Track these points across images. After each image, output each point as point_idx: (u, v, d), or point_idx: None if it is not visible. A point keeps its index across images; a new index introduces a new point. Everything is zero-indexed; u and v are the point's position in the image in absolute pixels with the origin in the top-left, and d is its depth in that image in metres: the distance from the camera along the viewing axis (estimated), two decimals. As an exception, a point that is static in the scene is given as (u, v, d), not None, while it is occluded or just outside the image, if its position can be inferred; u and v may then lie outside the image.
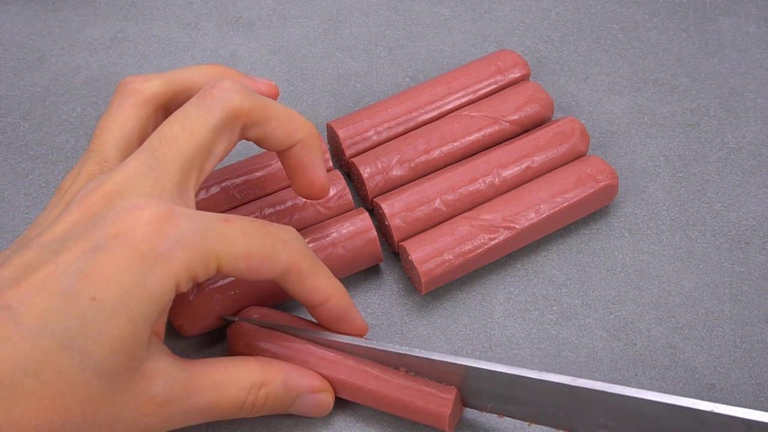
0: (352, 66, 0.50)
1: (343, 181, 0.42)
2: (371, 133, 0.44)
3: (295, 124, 0.35)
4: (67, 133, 0.48)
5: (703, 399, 0.38)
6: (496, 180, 0.42)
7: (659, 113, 0.48)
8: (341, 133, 0.44)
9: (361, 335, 0.37)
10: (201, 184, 0.34)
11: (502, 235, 0.41)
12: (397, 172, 0.43)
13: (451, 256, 0.40)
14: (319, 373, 0.36)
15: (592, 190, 0.42)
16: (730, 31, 0.52)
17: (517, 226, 0.41)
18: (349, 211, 0.42)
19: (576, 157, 0.44)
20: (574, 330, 0.41)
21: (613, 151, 0.47)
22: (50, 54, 0.51)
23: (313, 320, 0.38)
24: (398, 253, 0.42)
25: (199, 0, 0.53)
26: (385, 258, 0.43)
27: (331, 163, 0.43)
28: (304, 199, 0.41)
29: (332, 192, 0.42)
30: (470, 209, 0.42)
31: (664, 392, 0.39)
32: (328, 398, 0.36)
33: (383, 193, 0.43)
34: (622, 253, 0.43)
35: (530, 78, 0.48)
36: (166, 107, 0.36)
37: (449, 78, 0.46)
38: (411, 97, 0.45)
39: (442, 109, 0.45)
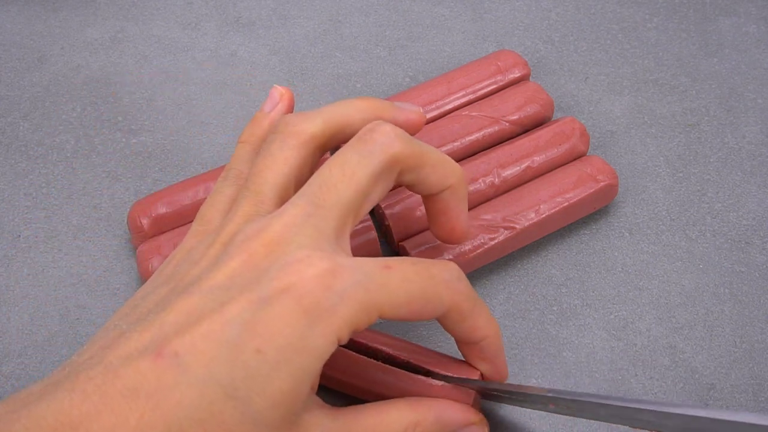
0: (352, 66, 0.50)
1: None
2: (371, 133, 0.44)
3: (448, 171, 0.35)
4: (67, 133, 0.48)
5: (703, 399, 0.38)
6: (496, 180, 0.42)
7: (659, 113, 0.48)
8: (341, 133, 0.44)
9: (503, 380, 0.37)
10: (389, 190, 0.34)
11: (502, 235, 0.41)
12: (397, 172, 0.43)
13: (451, 256, 0.40)
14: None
15: (592, 190, 0.42)
16: (730, 31, 0.52)
17: (517, 226, 0.41)
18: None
19: (576, 157, 0.44)
20: (574, 330, 0.41)
21: (613, 151, 0.47)
22: (50, 54, 0.51)
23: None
24: (398, 253, 0.42)
25: (199, 0, 0.53)
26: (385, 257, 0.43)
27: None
28: None
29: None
30: (470, 209, 0.42)
31: (665, 392, 0.39)
32: (483, 430, 0.36)
33: (383, 193, 0.43)
34: (622, 253, 0.43)
35: (530, 78, 0.48)
36: (324, 147, 0.35)
37: (449, 78, 0.46)
38: (411, 97, 0.45)
39: (442, 109, 0.45)
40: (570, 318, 0.41)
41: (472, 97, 0.46)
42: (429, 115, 0.45)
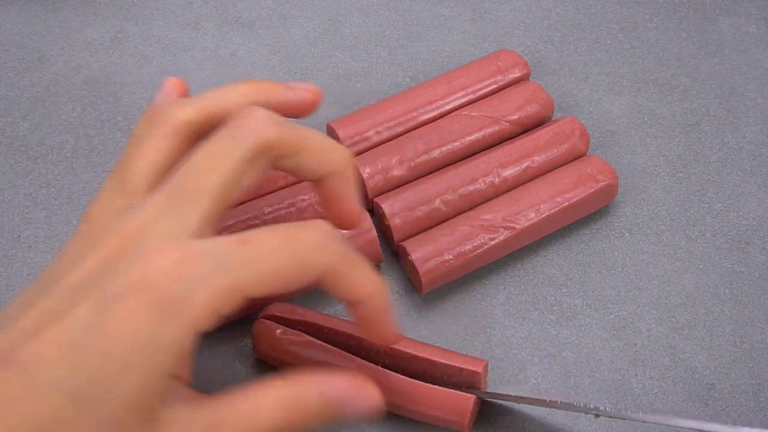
0: (352, 66, 0.50)
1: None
2: (371, 133, 0.44)
3: (330, 155, 0.33)
4: (67, 133, 0.48)
5: (703, 399, 0.38)
6: (496, 180, 0.42)
7: (659, 113, 0.48)
8: (341, 133, 0.44)
9: (395, 342, 0.35)
10: (264, 177, 0.33)
11: (502, 235, 0.41)
12: (397, 172, 0.43)
13: (451, 256, 0.40)
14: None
15: (592, 190, 0.42)
16: (730, 31, 0.52)
17: (517, 226, 0.41)
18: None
19: (576, 157, 0.44)
20: (574, 330, 0.41)
21: (613, 151, 0.47)
22: (50, 54, 0.51)
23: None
24: (398, 253, 0.42)
25: (199, 0, 0.53)
26: (385, 258, 0.43)
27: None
28: (304, 200, 0.41)
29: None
30: (470, 209, 0.42)
31: (665, 392, 0.39)
32: (374, 394, 0.33)
33: (383, 193, 0.43)
34: (622, 253, 0.43)
35: (530, 78, 0.48)
36: (201, 134, 0.34)
37: (449, 78, 0.46)
38: (411, 97, 0.45)
39: (442, 109, 0.45)
40: (570, 318, 0.41)
41: (472, 97, 0.46)
42: (429, 115, 0.45)
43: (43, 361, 0.27)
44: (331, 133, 0.45)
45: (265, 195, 0.42)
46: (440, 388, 0.36)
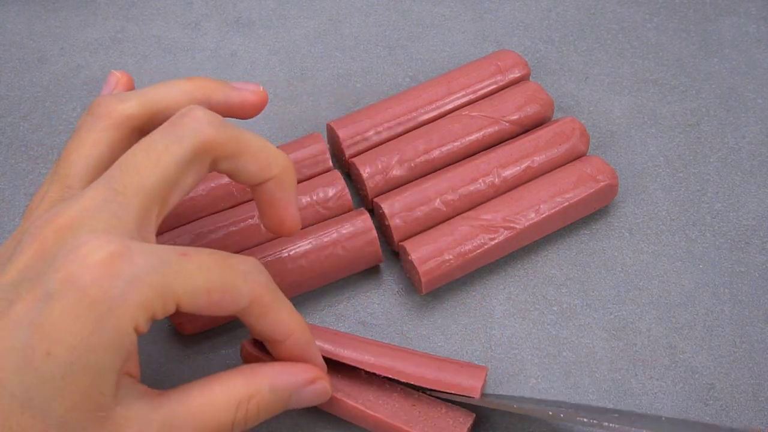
0: (352, 66, 0.50)
1: (343, 181, 0.42)
2: (371, 133, 0.44)
3: (270, 159, 0.33)
4: (67, 133, 0.48)
5: (703, 399, 0.38)
6: (496, 180, 0.42)
7: (659, 113, 0.48)
8: (341, 133, 0.44)
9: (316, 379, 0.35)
10: (202, 179, 0.32)
11: (502, 235, 0.41)
12: (397, 172, 0.43)
13: (451, 256, 0.40)
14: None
15: (592, 190, 0.42)
16: (730, 31, 0.52)
17: (517, 226, 0.41)
18: (349, 211, 0.42)
19: (576, 157, 0.44)
20: (574, 330, 0.41)
21: (613, 151, 0.47)
22: (50, 54, 0.51)
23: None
24: (398, 253, 0.42)
25: (199, 0, 0.53)
26: (385, 258, 0.43)
27: (330, 163, 0.43)
28: (303, 200, 0.41)
29: (331, 192, 0.42)
30: (470, 209, 0.42)
31: (665, 392, 0.39)
32: (324, 386, 0.34)
33: (383, 193, 0.43)
34: (622, 253, 0.43)
35: (530, 78, 0.48)
36: (142, 130, 0.33)
37: (449, 78, 0.46)
38: (411, 97, 0.45)
39: (442, 109, 0.45)
40: (570, 318, 0.41)
41: (472, 97, 0.46)
42: (429, 115, 0.45)
43: None
44: (331, 133, 0.45)
45: (224, 210, 0.42)
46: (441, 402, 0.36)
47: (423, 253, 0.40)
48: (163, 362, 0.40)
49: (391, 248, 0.43)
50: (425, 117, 0.45)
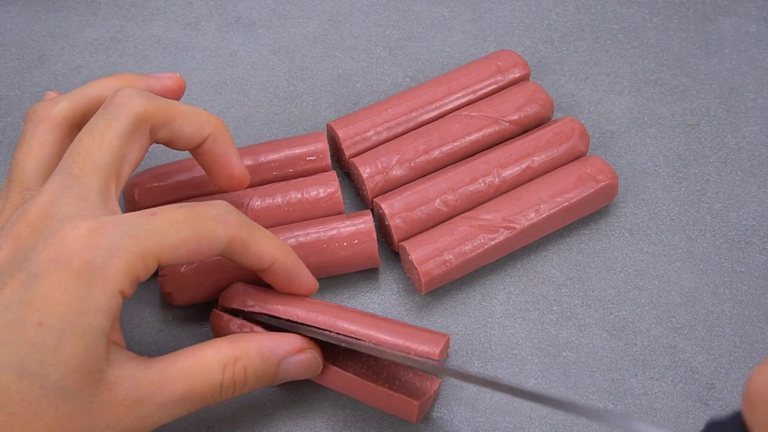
0: (352, 66, 0.50)
1: (336, 183, 0.42)
2: (371, 133, 0.44)
3: (202, 120, 0.36)
4: (67, 133, 0.48)
5: (703, 399, 0.38)
6: (496, 180, 0.42)
7: (659, 113, 0.48)
8: (341, 133, 0.44)
9: (311, 293, 0.38)
10: (146, 151, 0.35)
11: (502, 235, 0.41)
12: (397, 172, 0.43)
13: (451, 256, 0.40)
14: None
15: (592, 190, 0.42)
16: (730, 31, 0.52)
17: (517, 226, 0.41)
18: (340, 213, 0.42)
19: (576, 157, 0.44)
20: (574, 330, 0.41)
21: (613, 151, 0.47)
22: (50, 54, 0.51)
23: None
24: (398, 253, 0.42)
25: (199, 0, 0.53)
26: (385, 258, 0.43)
27: (329, 161, 0.43)
28: (294, 196, 0.41)
29: (323, 193, 0.42)
30: (470, 209, 0.42)
31: (664, 392, 0.39)
32: (313, 356, 0.35)
33: (383, 193, 0.43)
34: (622, 253, 0.43)
35: (530, 78, 0.48)
36: (79, 126, 0.36)
37: (449, 78, 0.46)
38: (411, 97, 0.45)
39: (442, 109, 0.45)
40: (570, 318, 0.41)
41: (472, 97, 0.46)
42: (429, 116, 0.45)
43: None
44: (331, 133, 0.45)
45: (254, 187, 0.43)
46: (386, 391, 0.36)
47: (423, 253, 0.40)
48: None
49: (392, 248, 0.43)
50: (425, 117, 0.45)
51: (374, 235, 0.40)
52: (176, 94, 0.39)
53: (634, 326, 0.41)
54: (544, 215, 0.41)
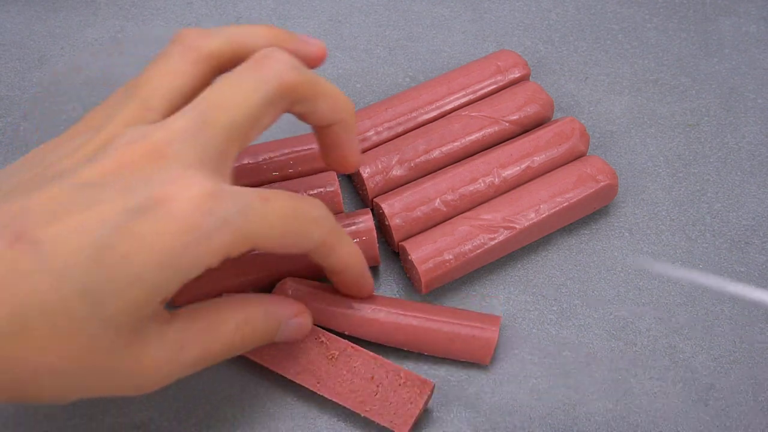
0: (352, 66, 0.50)
1: (336, 182, 0.42)
2: (371, 133, 0.44)
3: (340, 104, 0.35)
4: (67, 133, 0.48)
5: (702, 399, 0.38)
6: (496, 180, 0.42)
7: (659, 113, 0.48)
8: (341, 133, 0.44)
9: (368, 297, 0.39)
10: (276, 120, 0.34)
11: (502, 235, 0.41)
12: (397, 172, 0.43)
13: (451, 256, 0.40)
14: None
15: (592, 190, 0.42)
16: (730, 31, 0.52)
17: (517, 226, 0.41)
18: (340, 213, 0.42)
19: (576, 157, 0.44)
20: (574, 330, 0.41)
21: (613, 151, 0.47)
22: (50, 54, 0.51)
23: None
24: (398, 253, 0.42)
25: (199, 0, 0.53)
26: (385, 258, 0.43)
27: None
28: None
29: (323, 193, 0.42)
30: (470, 209, 0.42)
31: (665, 392, 0.39)
32: (306, 320, 0.37)
33: (383, 193, 0.43)
34: (622, 253, 0.43)
35: (530, 78, 0.48)
36: (221, 68, 0.35)
37: (449, 78, 0.46)
38: (411, 97, 0.45)
39: (442, 109, 0.45)
40: (570, 318, 0.41)
41: (472, 97, 0.46)
42: (429, 115, 0.45)
43: (61, 247, 0.27)
44: (331, 133, 0.45)
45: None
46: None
47: (423, 253, 0.40)
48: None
49: (392, 248, 0.43)
50: (425, 117, 0.45)
51: (374, 233, 0.40)
52: (317, 63, 0.37)
53: (634, 326, 0.41)
54: (544, 215, 0.41)
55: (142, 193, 0.28)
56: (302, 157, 0.43)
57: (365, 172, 0.42)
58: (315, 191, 0.42)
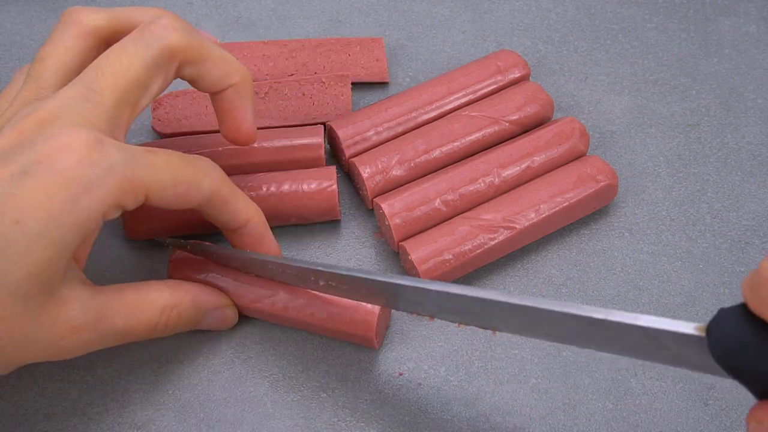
0: (352, 66, 0.50)
1: (334, 177, 0.42)
2: (371, 133, 0.44)
3: (231, 68, 0.36)
4: (67, 133, 0.48)
5: (703, 399, 0.38)
6: (496, 180, 0.42)
7: (659, 113, 0.48)
8: (341, 133, 0.44)
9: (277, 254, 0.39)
10: (168, 85, 0.35)
11: (502, 235, 0.41)
12: (397, 172, 0.43)
13: (451, 256, 0.40)
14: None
15: (592, 190, 0.42)
16: (730, 31, 0.52)
17: (517, 226, 0.41)
18: (333, 206, 0.42)
19: (576, 157, 0.44)
20: (574, 330, 0.41)
21: (613, 151, 0.47)
22: (50, 54, 0.51)
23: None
24: (398, 253, 0.42)
25: (199, 0, 0.53)
26: (385, 258, 0.43)
27: (322, 153, 0.43)
28: (287, 188, 0.41)
29: (319, 186, 0.42)
30: (470, 209, 0.42)
31: (664, 392, 0.39)
32: (232, 312, 0.39)
33: (383, 193, 0.43)
34: (622, 253, 0.43)
35: (530, 78, 0.48)
36: (108, 41, 0.36)
37: (449, 78, 0.46)
38: (411, 97, 0.45)
39: (442, 109, 0.45)
40: (570, 318, 0.41)
41: (472, 97, 0.46)
42: (429, 115, 0.45)
43: None
44: (331, 133, 0.45)
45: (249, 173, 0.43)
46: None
47: (423, 253, 0.40)
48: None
49: (392, 248, 0.43)
50: (425, 117, 0.45)
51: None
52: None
53: (634, 326, 0.41)
54: (544, 215, 0.41)
55: (28, 156, 0.29)
56: (297, 147, 0.43)
57: (365, 172, 0.42)
58: (305, 184, 0.42)
